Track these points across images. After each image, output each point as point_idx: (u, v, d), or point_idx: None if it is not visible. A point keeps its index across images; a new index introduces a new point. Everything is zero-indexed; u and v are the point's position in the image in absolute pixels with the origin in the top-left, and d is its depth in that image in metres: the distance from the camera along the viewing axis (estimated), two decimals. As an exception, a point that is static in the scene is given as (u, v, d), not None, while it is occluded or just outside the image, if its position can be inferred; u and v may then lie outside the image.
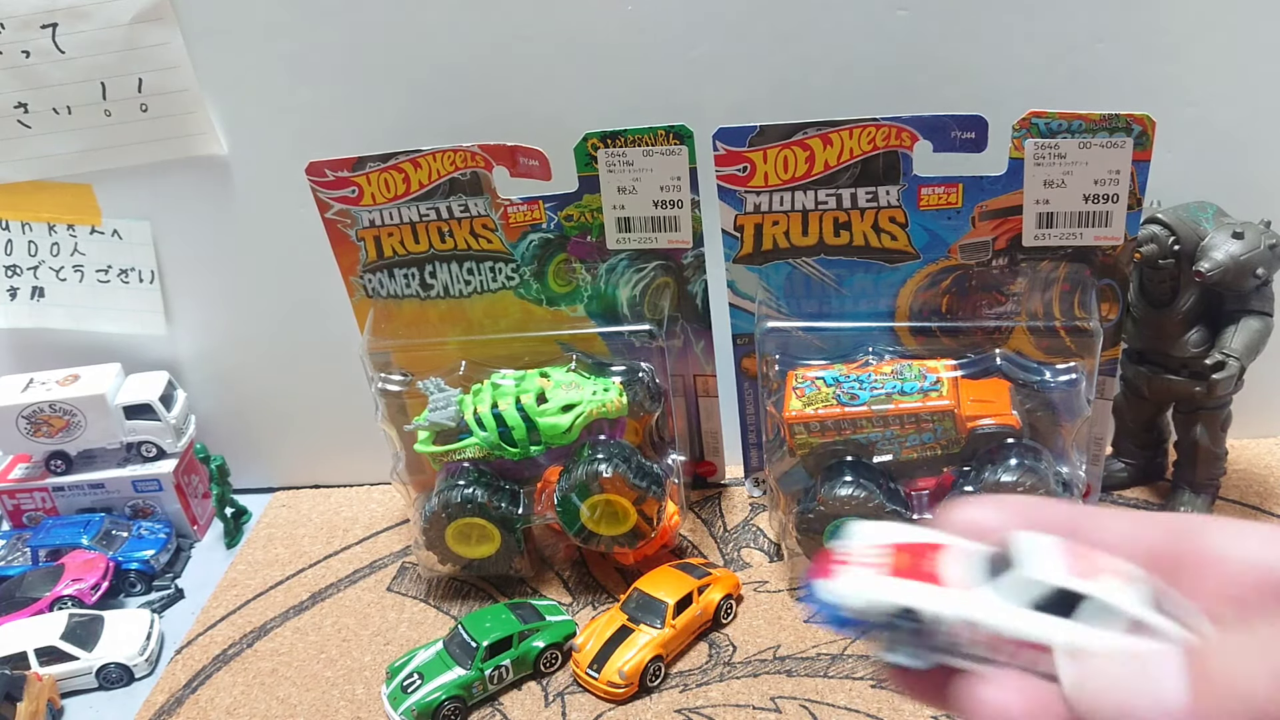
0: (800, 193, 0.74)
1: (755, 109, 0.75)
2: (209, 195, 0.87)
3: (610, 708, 0.72)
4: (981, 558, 0.27)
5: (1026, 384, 0.74)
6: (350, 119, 0.82)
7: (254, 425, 0.99)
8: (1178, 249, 0.73)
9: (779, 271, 0.78)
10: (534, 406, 0.78)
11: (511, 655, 0.74)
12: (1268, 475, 0.86)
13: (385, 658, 0.78)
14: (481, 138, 0.76)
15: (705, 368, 0.86)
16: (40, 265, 0.92)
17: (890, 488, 0.74)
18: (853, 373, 0.75)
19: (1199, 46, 0.74)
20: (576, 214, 0.79)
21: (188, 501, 0.95)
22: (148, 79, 0.82)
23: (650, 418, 0.83)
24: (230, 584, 0.90)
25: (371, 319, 0.84)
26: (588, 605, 0.82)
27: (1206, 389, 0.76)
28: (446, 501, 0.79)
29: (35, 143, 0.86)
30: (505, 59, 0.79)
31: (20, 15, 0.80)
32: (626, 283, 0.82)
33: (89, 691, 0.80)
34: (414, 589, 0.86)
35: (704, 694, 0.72)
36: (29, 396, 0.90)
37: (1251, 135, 0.77)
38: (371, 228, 0.81)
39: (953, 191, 0.73)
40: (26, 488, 0.94)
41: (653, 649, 0.73)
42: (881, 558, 0.28)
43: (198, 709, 0.76)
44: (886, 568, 0.27)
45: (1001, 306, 0.76)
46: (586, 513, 0.78)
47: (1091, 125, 0.68)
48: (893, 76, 0.76)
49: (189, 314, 0.93)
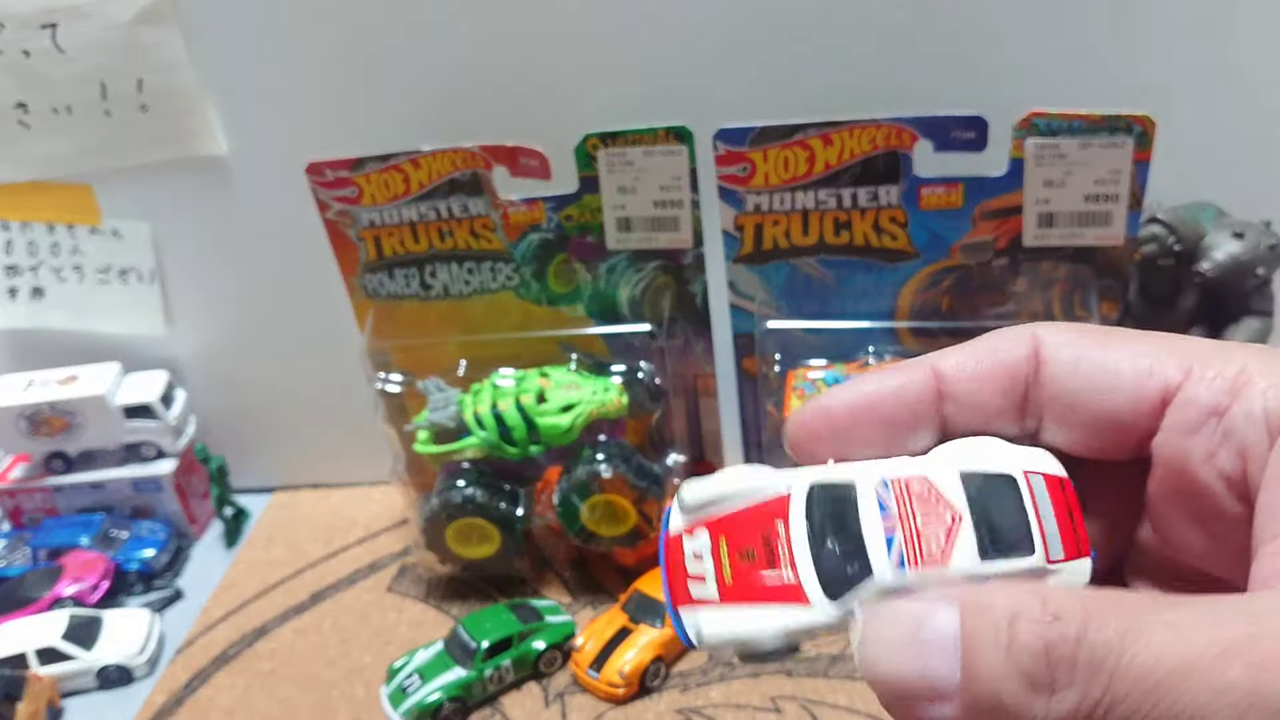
0: (800, 193, 0.74)
1: (755, 109, 0.75)
2: (209, 195, 0.87)
3: (610, 708, 0.72)
4: (812, 514, 0.24)
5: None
6: (350, 119, 0.82)
7: (254, 425, 0.98)
8: (1178, 249, 0.73)
9: (779, 271, 0.78)
10: (534, 406, 0.78)
11: (511, 655, 0.74)
12: (1268, 475, 0.86)
13: (385, 658, 0.78)
14: (481, 138, 0.76)
15: (705, 368, 0.86)
16: (40, 265, 0.92)
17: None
18: (853, 373, 0.75)
19: (1199, 46, 0.74)
20: (576, 214, 0.79)
21: (188, 501, 0.95)
22: (148, 79, 0.82)
23: (650, 418, 0.83)
24: (230, 584, 0.90)
25: (371, 319, 0.84)
26: (588, 605, 0.82)
27: (1207, 389, 0.76)
28: (446, 501, 0.79)
29: (35, 143, 0.86)
30: (505, 59, 0.79)
31: (20, 15, 0.80)
32: (626, 283, 0.82)
33: (89, 691, 0.80)
34: (414, 589, 0.86)
35: (704, 694, 0.72)
36: (29, 396, 0.90)
37: (1251, 135, 0.77)
38: (371, 228, 0.81)
39: (953, 191, 0.73)
40: (26, 488, 0.94)
41: (653, 649, 0.73)
42: (712, 558, 0.24)
43: (198, 709, 0.76)
44: (719, 582, 0.24)
45: (1002, 306, 0.76)
46: (586, 513, 0.78)
47: (1092, 125, 0.68)
48: (893, 76, 0.76)
49: (189, 314, 0.93)
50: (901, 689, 0.21)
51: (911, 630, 0.21)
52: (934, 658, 0.20)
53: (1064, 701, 0.19)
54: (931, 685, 0.20)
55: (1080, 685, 0.19)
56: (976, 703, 0.20)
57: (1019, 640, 0.19)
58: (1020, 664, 0.19)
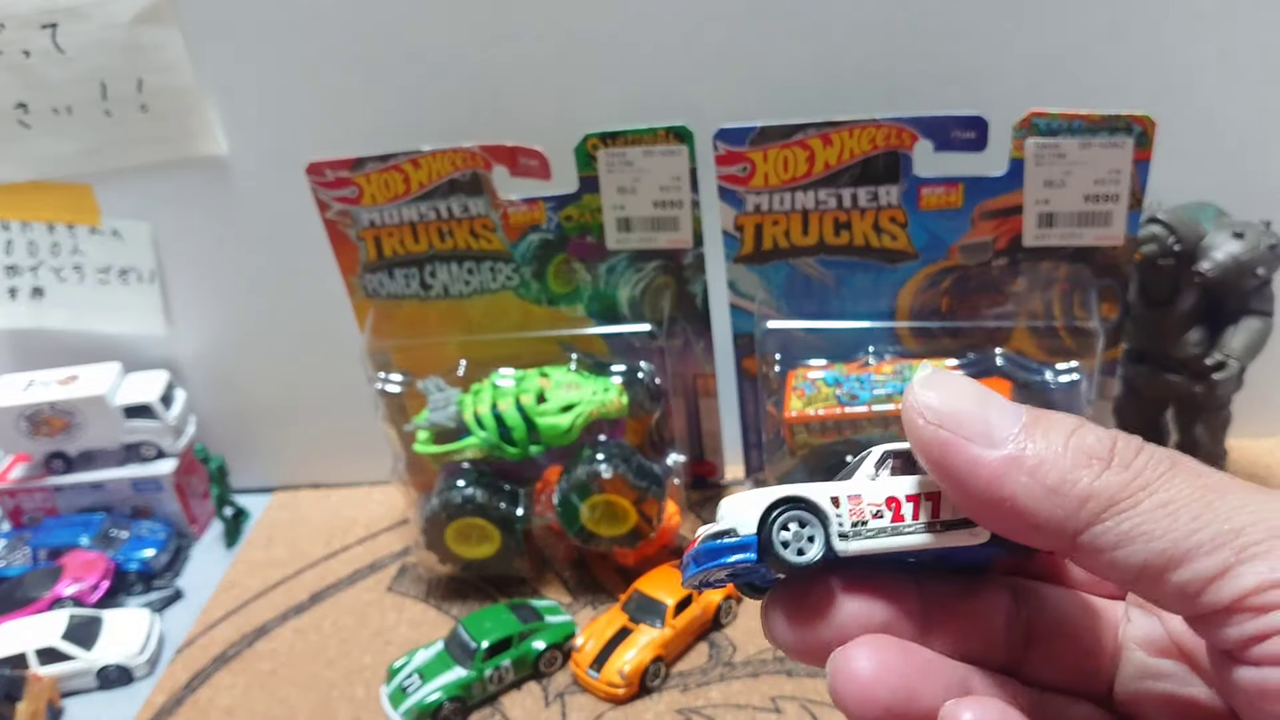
0: (800, 193, 0.74)
1: (755, 109, 0.75)
2: (209, 195, 0.87)
3: (610, 708, 0.72)
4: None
5: (1027, 384, 0.74)
6: (350, 119, 0.82)
7: (254, 425, 0.99)
8: (1178, 249, 0.72)
9: (779, 271, 0.78)
10: (534, 406, 0.78)
11: (511, 655, 0.74)
12: (1268, 475, 0.86)
13: (385, 658, 0.78)
14: (481, 138, 0.77)
15: (705, 368, 0.86)
16: (40, 265, 0.92)
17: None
18: (853, 373, 0.75)
19: (1199, 46, 0.74)
20: (576, 214, 0.79)
21: (187, 501, 0.95)
22: (148, 79, 0.82)
23: (650, 418, 0.83)
24: (230, 584, 0.90)
25: (371, 319, 0.84)
26: (588, 605, 0.82)
27: (1207, 389, 0.76)
28: (446, 501, 0.79)
29: (35, 143, 0.86)
30: (505, 59, 0.79)
31: (20, 15, 0.80)
32: (626, 283, 0.82)
33: (89, 691, 0.80)
34: (414, 589, 0.86)
35: (704, 694, 0.72)
36: (29, 396, 0.90)
37: (1251, 135, 0.77)
38: (371, 228, 0.81)
39: (953, 191, 0.73)
40: (26, 488, 0.94)
41: (653, 649, 0.73)
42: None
43: (198, 709, 0.76)
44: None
45: (1001, 306, 0.76)
46: (586, 513, 0.78)
47: (1092, 125, 0.68)
48: (893, 76, 0.76)
49: (189, 314, 0.93)
50: (956, 422, 0.25)
51: (980, 393, 0.26)
52: (998, 412, 0.25)
53: (1115, 475, 0.24)
54: (989, 429, 0.25)
55: (1135, 467, 0.24)
56: (1023, 456, 0.24)
57: (1083, 437, 0.25)
58: (1083, 444, 0.25)
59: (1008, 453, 0.25)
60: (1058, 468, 0.24)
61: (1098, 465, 0.24)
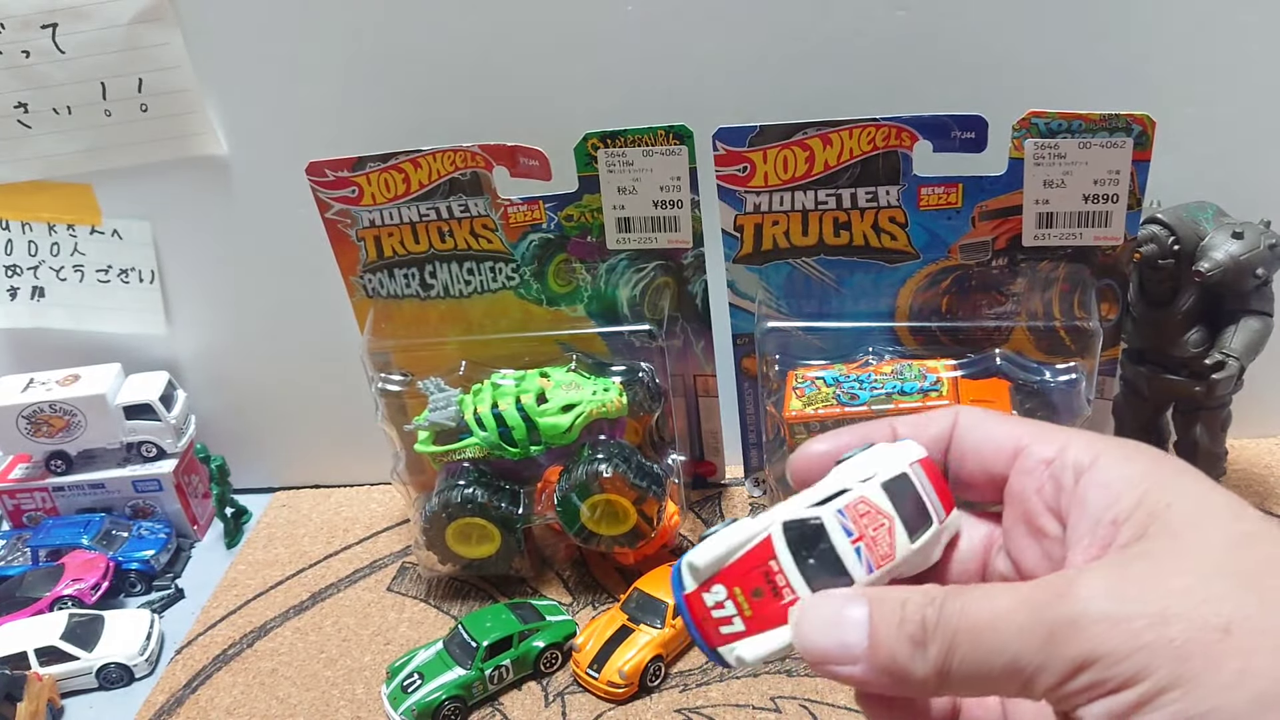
0: (800, 193, 0.74)
1: (755, 109, 0.75)
2: (209, 195, 0.87)
3: (610, 708, 0.72)
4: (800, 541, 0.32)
5: (1026, 384, 0.74)
6: (350, 119, 0.82)
7: (254, 425, 0.99)
8: (1178, 249, 0.73)
9: (779, 271, 0.78)
10: (534, 406, 0.78)
11: (511, 655, 0.74)
12: (1268, 475, 0.86)
13: (385, 658, 0.78)
14: (481, 138, 0.77)
15: (705, 368, 0.86)
16: (40, 265, 0.92)
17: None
18: (853, 373, 0.75)
19: (1199, 46, 0.74)
20: (576, 214, 0.79)
21: (188, 501, 0.95)
22: (148, 79, 0.82)
23: (650, 418, 0.83)
24: (230, 584, 0.90)
25: (371, 319, 0.84)
26: (588, 605, 0.82)
27: (1206, 389, 0.76)
28: (446, 501, 0.79)
29: (35, 143, 0.86)
30: (505, 59, 0.79)
31: (20, 15, 0.80)
32: (626, 283, 0.82)
33: (89, 691, 0.80)
34: (414, 589, 0.86)
35: (704, 694, 0.72)
36: (29, 396, 0.90)
37: (1251, 135, 0.77)
38: (371, 228, 0.81)
39: (953, 191, 0.73)
40: (26, 488, 0.94)
41: (653, 649, 0.73)
42: (733, 603, 0.32)
43: (198, 709, 0.76)
44: (743, 618, 0.32)
45: (1001, 306, 0.76)
46: (586, 513, 0.78)
47: (1091, 125, 0.68)
48: (893, 76, 0.76)
49: (189, 314, 0.93)
50: (823, 654, 0.30)
51: (835, 614, 0.30)
52: (849, 633, 0.29)
53: (930, 652, 0.28)
54: (847, 651, 0.29)
55: (939, 638, 0.28)
56: (877, 661, 0.29)
57: (908, 615, 0.29)
58: (908, 630, 0.28)
59: (863, 668, 0.29)
60: (901, 660, 0.29)
61: (919, 649, 0.28)
